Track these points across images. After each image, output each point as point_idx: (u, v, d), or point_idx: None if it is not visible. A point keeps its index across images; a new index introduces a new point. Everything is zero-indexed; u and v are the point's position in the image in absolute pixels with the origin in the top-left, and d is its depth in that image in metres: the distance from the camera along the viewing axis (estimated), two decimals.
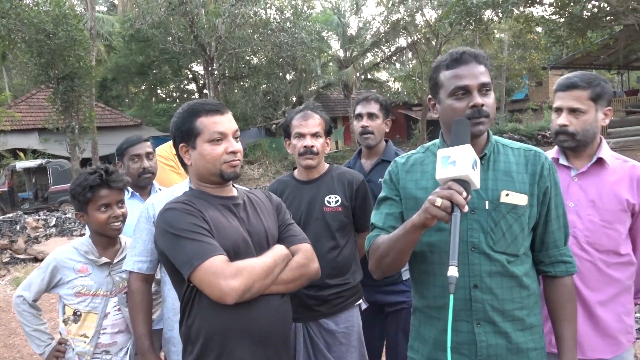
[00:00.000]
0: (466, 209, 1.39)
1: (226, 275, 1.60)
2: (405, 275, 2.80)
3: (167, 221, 1.73)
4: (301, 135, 2.55)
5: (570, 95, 2.04)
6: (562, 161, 2.12)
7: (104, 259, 2.30)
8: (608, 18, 14.97)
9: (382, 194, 1.83)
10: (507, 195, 1.63)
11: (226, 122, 1.82)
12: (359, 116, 2.99)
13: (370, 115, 2.98)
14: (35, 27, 15.73)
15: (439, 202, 1.40)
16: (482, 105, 1.60)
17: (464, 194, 1.39)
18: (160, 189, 3.01)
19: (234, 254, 1.70)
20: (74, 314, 2.25)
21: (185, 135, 1.82)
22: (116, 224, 2.28)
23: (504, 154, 1.71)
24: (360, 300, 2.64)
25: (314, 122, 2.56)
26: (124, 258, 2.31)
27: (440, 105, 1.70)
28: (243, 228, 1.82)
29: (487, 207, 1.63)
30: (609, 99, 2.06)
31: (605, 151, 2.06)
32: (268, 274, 1.70)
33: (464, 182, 1.41)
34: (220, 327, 1.69)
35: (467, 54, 1.64)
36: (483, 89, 1.62)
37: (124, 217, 2.32)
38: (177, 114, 1.87)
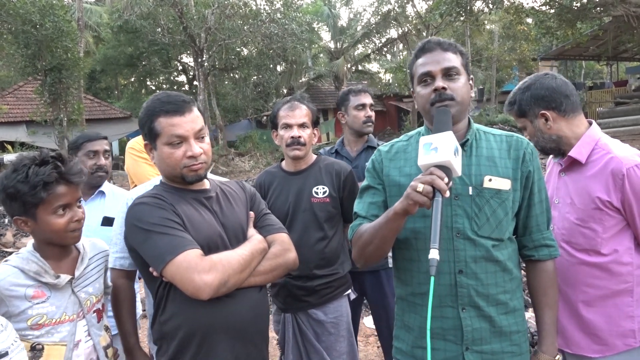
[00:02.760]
0: (447, 194, 1.41)
1: (200, 270, 1.54)
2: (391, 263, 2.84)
3: (136, 216, 1.65)
4: (288, 126, 2.54)
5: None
6: (554, 158, 2.12)
7: (65, 277, 1.78)
8: (597, 9, 15.01)
9: (365, 183, 1.84)
10: (490, 180, 1.64)
11: (186, 123, 1.68)
12: (363, 106, 3.19)
13: (371, 106, 3.25)
14: (21, 18, 15.50)
15: (420, 187, 1.41)
16: (443, 88, 1.62)
17: (446, 179, 1.41)
18: (102, 192, 2.86)
19: (209, 249, 1.64)
20: (32, 349, 1.70)
21: (147, 135, 1.74)
22: (77, 229, 1.80)
23: (486, 140, 1.73)
24: (349, 290, 2.65)
25: (301, 112, 2.55)
26: (87, 267, 1.90)
27: (415, 94, 1.75)
28: (217, 221, 1.75)
29: (470, 192, 1.64)
30: (541, 103, 1.95)
31: (581, 146, 1.94)
32: (244, 268, 1.65)
33: (445, 168, 1.43)
34: (200, 323, 1.64)
35: (431, 42, 1.70)
36: (448, 73, 1.65)
37: (83, 219, 1.84)
38: (142, 110, 1.75)
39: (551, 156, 2.14)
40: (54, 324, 1.74)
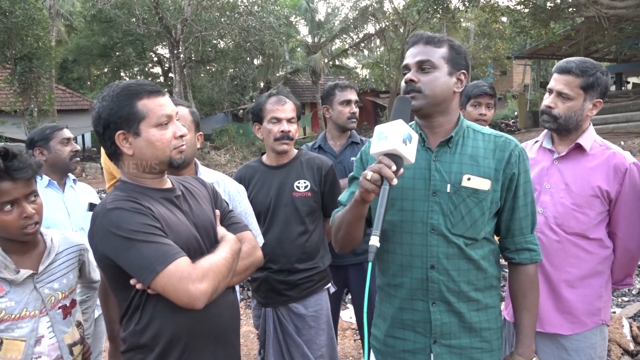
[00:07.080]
0: (395, 182, 1.43)
1: (194, 279, 1.46)
2: None
3: (113, 222, 1.50)
4: (277, 120, 2.52)
5: (563, 79, 2.05)
6: (546, 144, 2.19)
7: (25, 272, 1.73)
8: (570, 10, 15.34)
9: (351, 174, 1.88)
10: (469, 179, 1.65)
11: (169, 103, 1.63)
12: (348, 102, 3.20)
13: (356, 102, 3.25)
14: None
15: (369, 175, 1.45)
16: (412, 80, 1.66)
17: (394, 167, 1.44)
18: (75, 180, 2.91)
19: (187, 253, 1.55)
20: None
21: (124, 121, 1.57)
22: (30, 225, 1.72)
23: (474, 138, 1.73)
24: (329, 284, 2.68)
25: (290, 107, 2.55)
26: (53, 263, 1.84)
27: None
28: (190, 222, 1.67)
29: (448, 190, 1.65)
30: (603, 90, 2.06)
31: (587, 138, 2.09)
32: (230, 271, 1.61)
33: (395, 157, 1.46)
34: (184, 330, 1.59)
35: (416, 36, 1.72)
36: (422, 66, 1.67)
37: (39, 214, 1.75)
38: (108, 98, 1.58)
39: (535, 143, 2.25)
40: (13, 319, 1.70)
